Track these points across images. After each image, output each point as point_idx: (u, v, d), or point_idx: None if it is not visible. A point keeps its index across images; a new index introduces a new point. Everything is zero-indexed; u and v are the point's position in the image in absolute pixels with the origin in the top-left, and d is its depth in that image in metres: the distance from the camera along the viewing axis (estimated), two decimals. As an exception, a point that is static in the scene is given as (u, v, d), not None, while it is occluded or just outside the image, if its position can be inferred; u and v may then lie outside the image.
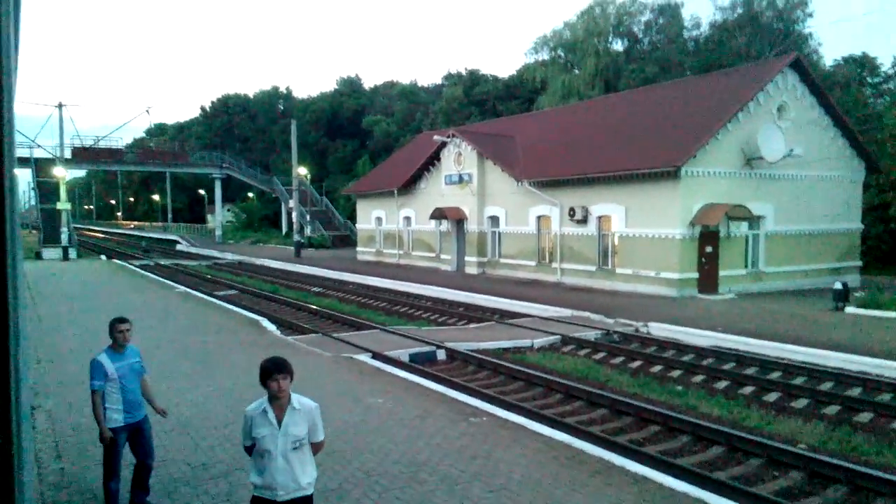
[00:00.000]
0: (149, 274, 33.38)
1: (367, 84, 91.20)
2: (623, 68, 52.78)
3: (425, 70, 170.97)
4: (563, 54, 57.85)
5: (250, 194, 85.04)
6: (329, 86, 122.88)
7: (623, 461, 7.47)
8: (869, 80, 43.38)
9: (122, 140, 77.34)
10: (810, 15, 48.80)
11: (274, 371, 4.25)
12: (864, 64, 43.28)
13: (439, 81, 79.34)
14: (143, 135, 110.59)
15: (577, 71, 55.52)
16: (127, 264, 40.72)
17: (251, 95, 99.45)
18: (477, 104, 64.16)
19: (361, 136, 78.80)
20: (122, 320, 6.21)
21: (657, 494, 6.58)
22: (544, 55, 59.12)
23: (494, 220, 32.41)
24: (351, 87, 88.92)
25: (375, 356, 13.92)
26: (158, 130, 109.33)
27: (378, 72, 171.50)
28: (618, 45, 56.94)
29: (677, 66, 50.24)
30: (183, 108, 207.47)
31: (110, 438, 5.90)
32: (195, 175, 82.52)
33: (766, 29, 47.81)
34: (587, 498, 6.47)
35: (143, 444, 6.20)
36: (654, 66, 50.42)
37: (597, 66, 53.13)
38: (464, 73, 71.18)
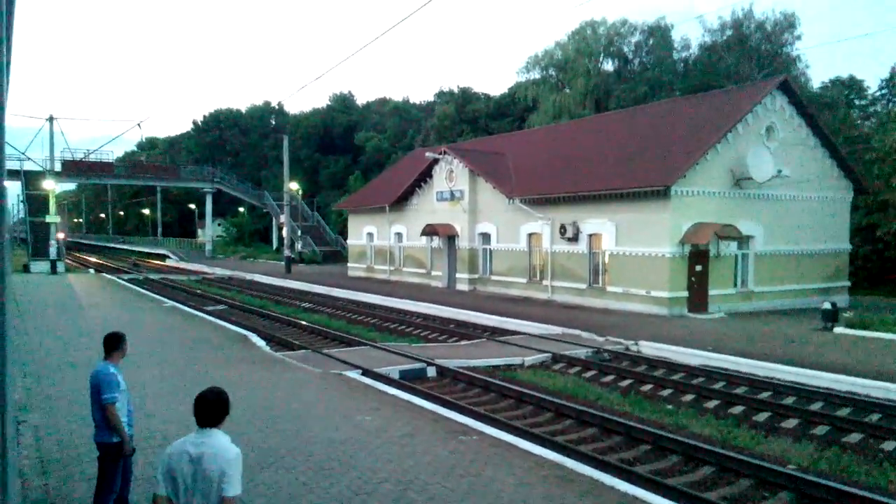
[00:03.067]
0: (137, 288, 33.16)
1: (360, 100, 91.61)
2: (613, 88, 53.27)
3: (418, 87, 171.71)
4: (554, 74, 58.37)
5: (241, 209, 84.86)
6: (322, 101, 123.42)
7: (613, 481, 7.44)
8: (856, 102, 43.97)
9: (112, 153, 77.18)
10: (798, 37, 49.55)
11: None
12: (851, 86, 43.90)
13: (431, 99, 79.74)
14: (135, 148, 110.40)
15: (567, 90, 55.98)
16: (116, 278, 40.45)
17: (243, 110, 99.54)
18: (469, 122, 64.48)
19: (353, 152, 78.94)
20: (122, 335, 6.21)
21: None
22: (536, 74, 59.64)
23: (486, 236, 32.45)
24: (343, 103, 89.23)
25: (365, 373, 13.85)
26: (150, 144, 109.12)
27: (371, 88, 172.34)
28: (608, 66, 57.53)
29: (667, 87, 50.77)
30: (174, 122, 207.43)
31: (124, 452, 5.86)
32: (186, 189, 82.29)
33: (755, 51, 48.45)
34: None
35: (129, 458, 6.15)
36: (644, 87, 50.93)
37: (587, 86, 53.60)
38: (456, 90, 71.60)
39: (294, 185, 57.75)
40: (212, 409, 4.04)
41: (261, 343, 17.23)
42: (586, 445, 10.04)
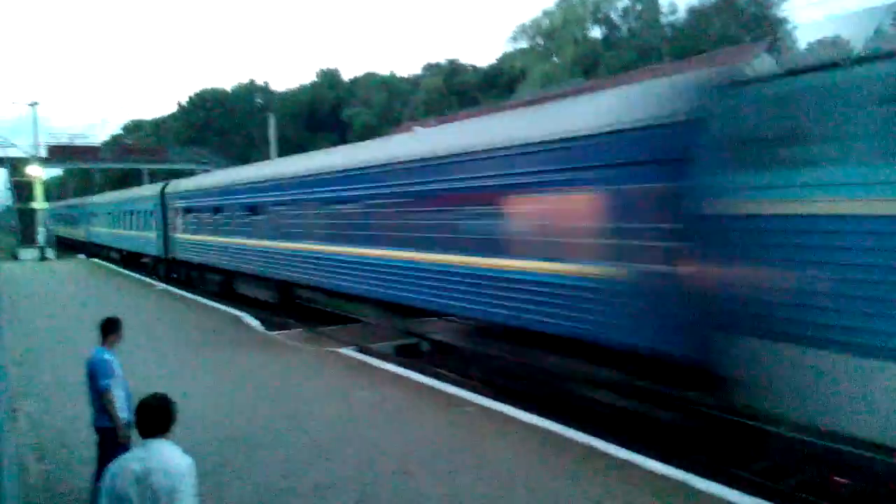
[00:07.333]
0: (128, 272, 33.01)
1: (346, 76, 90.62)
2: (602, 55, 52.86)
3: (405, 60, 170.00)
4: (542, 42, 57.87)
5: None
6: (308, 78, 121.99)
7: (608, 447, 7.52)
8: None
9: (97, 136, 76.37)
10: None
11: None
12: (837, 47, 43.64)
13: (419, 72, 79.04)
14: (121, 132, 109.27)
15: (556, 59, 55.54)
16: (105, 263, 40.25)
17: (228, 89, 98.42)
18: (457, 94, 63.99)
19: (341, 128, 78.31)
20: (119, 319, 6.25)
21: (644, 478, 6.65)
22: (524, 44, 59.15)
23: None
24: (329, 79, 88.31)
25: (361, 349, 13.88)
26: (135, 127, 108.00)
27: (357, 63, 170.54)
28: (596, 33, 57.05)
29: (655, 52, 50.41)
30: (160, 103, 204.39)
31: (119, 439, 5.84)
32: (172, 171, 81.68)
33: (743, 14, 48.12)
34: (574, 484, 6.51)
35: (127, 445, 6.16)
36: (633, 53, 50.56)
37: (576, 54, 53.17)
38: (443, 62, 70.98)
39: (283, 164, 57.19)
40: (155, 416, 3.50)
41: (255, 323, 17.22)
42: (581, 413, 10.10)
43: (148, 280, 28.62)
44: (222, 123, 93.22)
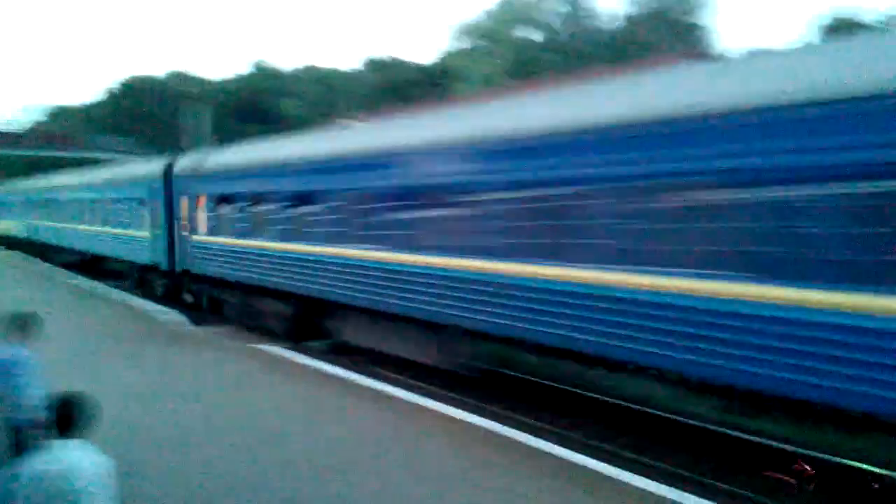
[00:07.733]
0: (46, 265, 31.51)
1: (284, 67, 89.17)
2: (539, 58, 53.54)
3: (345, 54, 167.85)
4: (483, 44, 58.23)
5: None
6: (244, 68, 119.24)
7: (551, 447, 7.53)
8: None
9: (16, 121, 72.62)
10: (713, 10, 51.20)
11: None
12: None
13: (359, 66, 78.41)
14: (44, 118, 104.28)
15: (498, 60, 55.93)
16: (22, 254, 38.35)
17: (159, 77, 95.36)
18: (396, 90, 63.73)
19: (277, 120, 76.94)
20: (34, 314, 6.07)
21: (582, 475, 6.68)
22: (466, 43, 59.40)
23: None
24: (267, 70, 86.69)
25: (291, 346, 13.56)
26: (61, 112, 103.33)
27: (295, 55, 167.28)
28: (535, 36, 57.77)
29: (591, 58, 51.45)
30: (87, 89, 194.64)
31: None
32: (98, 160, 78.60)
33: (673, 23, 49.71)
34: (510, 481, 6.48)
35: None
36: (570, 57, 51.44)
37: (514, 56, 53.72)
38: (384, 58, 70.65)
39: (215, 156, 55.73)
40: (72, 416, 3.37)
41: (180, 318, 16.66)
42: (517, 413, 10.11)
43: (65, 272, 27.31)
44: (152, 112, 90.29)
